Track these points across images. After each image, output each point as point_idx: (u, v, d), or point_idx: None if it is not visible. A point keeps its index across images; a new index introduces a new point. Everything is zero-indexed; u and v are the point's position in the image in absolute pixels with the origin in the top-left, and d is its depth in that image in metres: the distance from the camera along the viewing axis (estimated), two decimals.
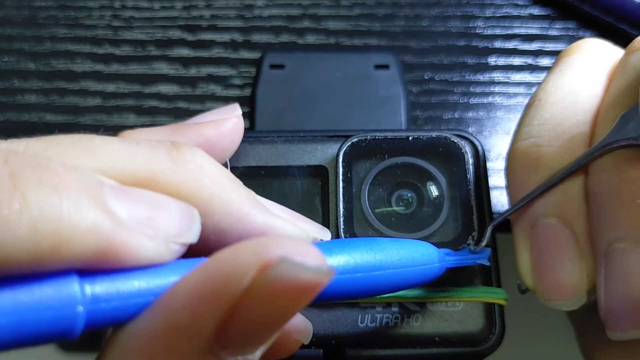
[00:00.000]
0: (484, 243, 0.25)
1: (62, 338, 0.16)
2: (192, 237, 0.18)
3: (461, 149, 0.27)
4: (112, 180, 0.18)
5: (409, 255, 0.22)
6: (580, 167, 0.23)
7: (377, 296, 0.24)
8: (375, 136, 0.28)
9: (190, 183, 0.20)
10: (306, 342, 0.23)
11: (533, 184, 0.24)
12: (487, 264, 0.26)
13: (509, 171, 0.25)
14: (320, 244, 0.21)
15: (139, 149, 0.19)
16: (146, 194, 0.18)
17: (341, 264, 0.20)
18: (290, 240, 0.16)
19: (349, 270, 0.20)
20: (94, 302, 0.16)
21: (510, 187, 0.25)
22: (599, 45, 0.27)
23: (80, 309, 0.16)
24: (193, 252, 0.19)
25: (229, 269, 0.16)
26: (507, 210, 0.25)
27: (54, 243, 0.15)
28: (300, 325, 0.23)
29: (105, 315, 0.17)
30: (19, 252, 0.15)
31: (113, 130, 0.38)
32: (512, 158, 0.25)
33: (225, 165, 0.26)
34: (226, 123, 0.26)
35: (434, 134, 0.28)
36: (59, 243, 0.15)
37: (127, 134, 0.24)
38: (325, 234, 0.24)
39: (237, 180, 0.21)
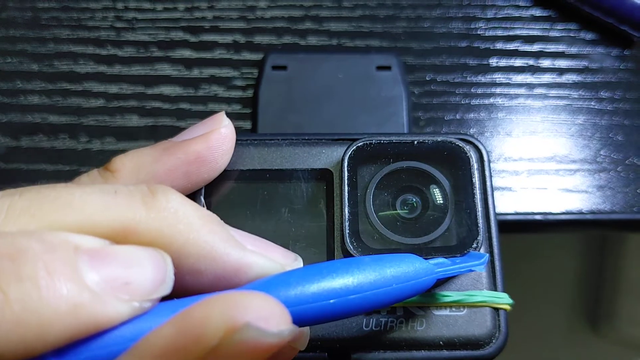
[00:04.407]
0: None
1: None
2: (166, 289, 0.20)
3: (466, 154, 0.27)
4: (88, 240, 0.19)
5: (390, 275, 0.22)
6: None
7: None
8: (381, 140, 0.28)
9: (165, 230, 0.21)
10: (302, 349, 0.23)
11: None
12: (482, 270, 0.26)
13: None
14: (294, 272, 0.21)
15: (116, 199, 0.21)
16: (120, 253, 0.19)
17: (315, 292, 0.20)
18: (256, 302, 0.18)
19: (322, 297, 0.20)
20: (62, 356, 0.18)
21: None
22: None
23: None
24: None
25: (200, 330, 0.17)
26: None
27: (38, 331, 0.17)
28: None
29: None
30: (7, 344, 0.16)
31: (116, 131, 0.38)
32: None
33: (200, 203, 0.26)
34: (214, 135, 0.26)
35: (439, 138, 0.28)
36: (42, 331, 0.17)
37: (119, 159, 0.25)
38: (298, 264, 0.24)
39: (212, 218, 0.22)
